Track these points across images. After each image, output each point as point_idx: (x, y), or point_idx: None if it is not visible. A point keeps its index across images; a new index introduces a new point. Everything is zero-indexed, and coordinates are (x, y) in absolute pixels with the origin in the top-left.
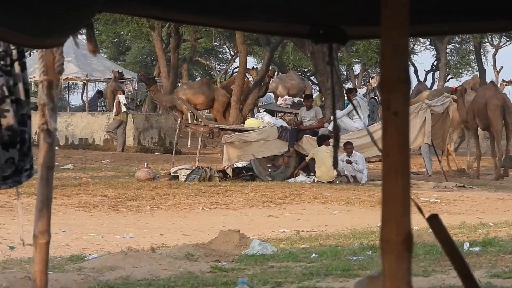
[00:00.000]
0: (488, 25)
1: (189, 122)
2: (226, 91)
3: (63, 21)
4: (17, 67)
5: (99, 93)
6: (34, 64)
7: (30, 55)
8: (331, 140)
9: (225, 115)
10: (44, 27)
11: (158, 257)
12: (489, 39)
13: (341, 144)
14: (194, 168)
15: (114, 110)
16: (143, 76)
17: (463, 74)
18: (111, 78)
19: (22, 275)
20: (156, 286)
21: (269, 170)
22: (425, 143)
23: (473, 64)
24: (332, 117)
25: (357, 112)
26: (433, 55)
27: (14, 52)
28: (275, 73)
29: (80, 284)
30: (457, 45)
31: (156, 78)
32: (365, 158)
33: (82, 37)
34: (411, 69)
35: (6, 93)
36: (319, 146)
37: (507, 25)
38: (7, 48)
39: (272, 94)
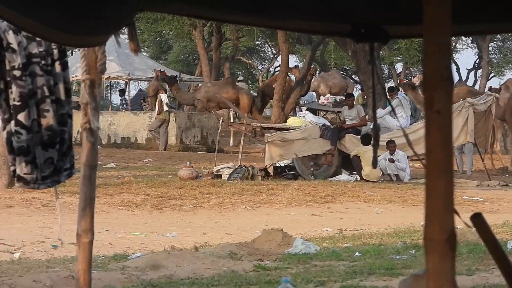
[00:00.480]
0: None
1: (231, 121)
2: (268, 90)
3: (105, 20)
4: (58, 67)
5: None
6: (76, 63)
7: (72, 54)
8: None
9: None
10: (86, 25)
11: (201, 256)
12: None
13: (384, 143)
14: (236, 167)
15: (156, 109)
16: (165, 76)
17: (505, 72)
18: (153, 77)
19: (66, 274)
20: (200, 285)
21: (312, 169)
22: (469, 142)
23: None
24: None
25: (394, 112)
26: (475, 54)
27: (56, 51)
28: (317, 72)
29: (124, 283)
30: (499, 43)
31: (177, 78)
32: (408, 157)
33: (124, 36)
34: (453, 67)
35: (47, 93)
36: (363, 144)
37: None
38: (48, 47)
39: (314, 93)
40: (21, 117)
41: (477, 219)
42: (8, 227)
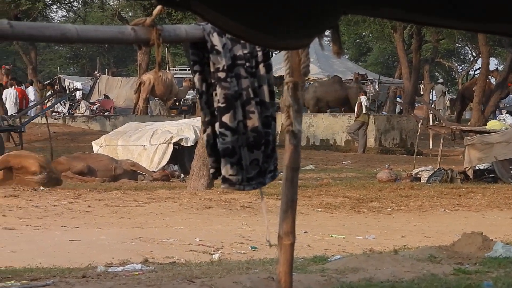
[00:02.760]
0: None
1: (431, 123)
2: (468, 93)
3: (309, 23)
4: (262, 69)
5: None
6: (276, 65)
7: (272, 56)
8: None
9: None
10: (291, 28)
11: (400, 259)
12: None
13: None
14: (435, 169)
15: (356, 111)
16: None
17: None
18: (352, 79)
19: (265, 275)
20: None
21: None
22: None
23: None
24: None
25: None
26: None
27: (260, 53)
28: None
29: (323, 285)
30: None
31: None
32: None
33: (325, 38)
34: None
35: (251, 95)
36: None
37: None
38: (253, 49)
39: None
40: (225, 118)
41: None
42: (207, 228)
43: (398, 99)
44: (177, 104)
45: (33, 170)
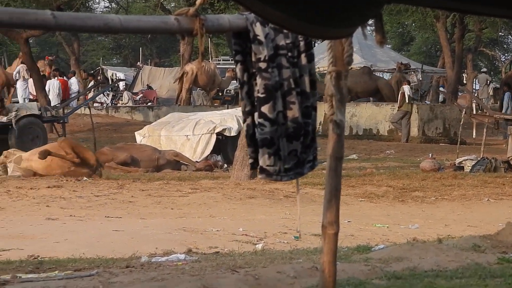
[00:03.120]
0: None
1: (474, 112)
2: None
3: (353, 12)
4: (303, 59)
5: None
6: (318, 54)
7: (314, 46)
8: None
9: None
10: (334, 18)
11: (444, 248)
12: None
13: None
14: (479, 159)
15: (399, 100)
16: None
17: None
18: (394, 69)
19: (309, 265)
20: (444, 277)
21: None
22: None
23: None
24: None
25: None
26: None
27: (302, 43)
28: None
29: (367, 275)
30: None
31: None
32: None
33: (368, 28)
34: None
35: (293, 85)
36: None
37: None
38: (295, 39)
39: None
40: (265, 109)
41: None
42: (250, 218)
43: (441, 89)
44: (220, 94)
45: (92, 163)
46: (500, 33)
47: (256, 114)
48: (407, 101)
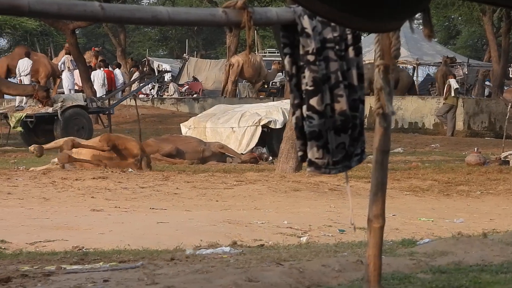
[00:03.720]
0: None
1: None
2: None
3: (402, 6)
4: (351, 52)
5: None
6: (365, 47)
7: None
8: None
9: None
10: (383, 11)
11: (489, 242)
12: None
13: None
14: None
15: (444, 94)
16: None
17: None
18: (440, 62)
19: (354, 259)
20: (489, 272)
21: None
22: None
23: None
24: None
25: None
26: None
27: (350, 36)
28: None
29: (412, 269)
30: None
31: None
32: None
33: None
34: None
35: (340, 78)
36: None
37: None
38: (343, 32)
39: None
40: (313, 102)
41: None
42: (295, 210)
43: (487, 82)
44: (266, 86)
45: (136, 152)
46: None
47: (304, 107)
48: (452, 95)
